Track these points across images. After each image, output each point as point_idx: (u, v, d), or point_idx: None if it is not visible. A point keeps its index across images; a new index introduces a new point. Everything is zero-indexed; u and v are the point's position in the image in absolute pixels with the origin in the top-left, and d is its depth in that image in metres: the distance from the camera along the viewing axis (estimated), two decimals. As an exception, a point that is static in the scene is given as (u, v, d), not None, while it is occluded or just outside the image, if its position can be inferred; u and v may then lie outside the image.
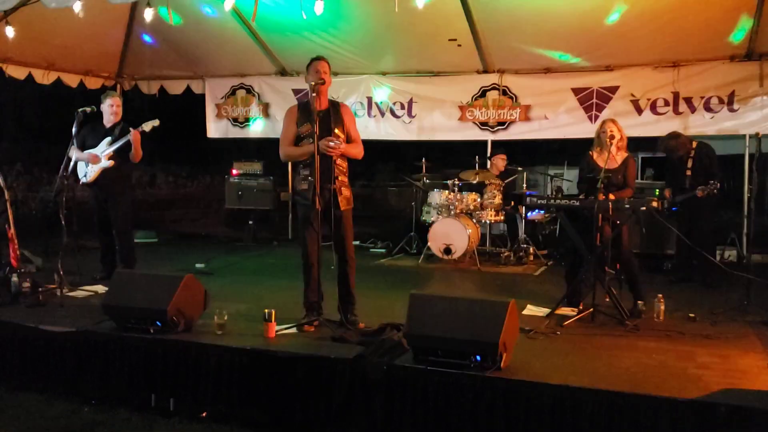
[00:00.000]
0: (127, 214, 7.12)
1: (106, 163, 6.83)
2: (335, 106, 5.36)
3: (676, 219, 7.60)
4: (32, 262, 7.36)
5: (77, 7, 6.54)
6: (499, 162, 9.52)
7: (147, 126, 6.79)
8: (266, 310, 4.95)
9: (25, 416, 4.65)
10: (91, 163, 6.84)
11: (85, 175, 6.92)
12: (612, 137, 5.87)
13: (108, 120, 6.94)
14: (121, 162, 6.88)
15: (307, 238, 5.28)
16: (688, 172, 7.41)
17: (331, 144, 5.08)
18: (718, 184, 7.03)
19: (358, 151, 5.39)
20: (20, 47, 8.54)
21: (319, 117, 5.15)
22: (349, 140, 5.32)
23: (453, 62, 9.44)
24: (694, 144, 7.51)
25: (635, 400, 3.80)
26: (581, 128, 9.04)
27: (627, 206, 5.66)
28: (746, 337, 5.19)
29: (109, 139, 6.85)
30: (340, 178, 5.28)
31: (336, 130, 5.21)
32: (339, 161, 5.27)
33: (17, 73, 9.35)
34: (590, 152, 6.14)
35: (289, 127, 5.33)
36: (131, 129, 6.77)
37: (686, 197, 7.33)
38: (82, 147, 6.89)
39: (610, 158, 5.89)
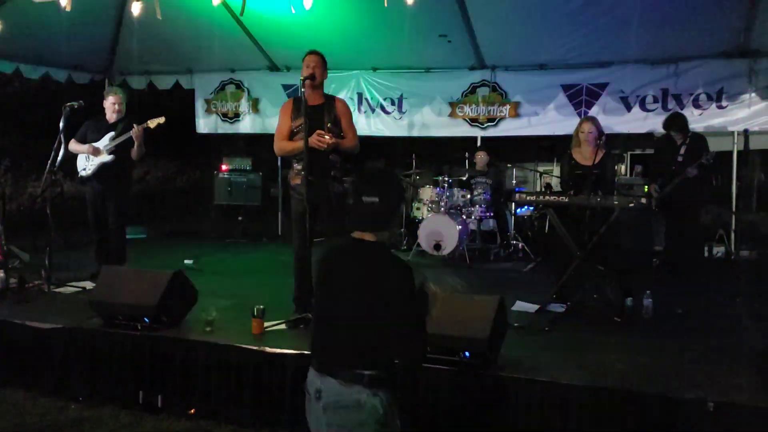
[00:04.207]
0: (125, 210, 7.07)
1: (107, 157, 6.76)
2: (330, 101, 5.34)
3: (664, 215, 7.62)
4: (19, 257, 7.31)
5: (64, 1, 6.48)
6: (478, 159, 9.47)
7: (152, 123, 6.72)
8: (255, 307, 4.94)
9: (11, 413, 4.62)
10: (91, 155, 6.78)
11: (84, 169, 6.86)
12: (590, 132, 5.96)
13: (110, 117, 6.89)
14: (122, 157, 6.81)
15: (298, 233, 5.27)
16: (680, 158, 7.36)
17: (320, 139, 5.06)
18: (712, 153, 6.97)
19: (352, 146, 5.35)
20: (7, 41, 8.46)
21: (312, 111, 5.13)
22: (343, 135, 5.29)
23: (443, 58, 9.42)
24: (690, 133, 7.50)
25: (624, 396, 3.82)
26: (571, 125, 8.99)
27: (615, 203, 5.67)
28: (734, 333, 5.22)
29: (112, 134, 6.79)
30: (332, 174, 5.26)
31: (328, 125, 5.19)
32: (332, 156, 5.25)
33: (4, 67, 9.27)
34: (569, 151, 6.22)
35: (283, 121, 5.32)
36: (135, 125, 6.70)
37: (675, 184, 7.26)
38: (84, 141, 6.85)
39: (588, 155, 5.96)
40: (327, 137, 5.08)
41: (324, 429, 2.64)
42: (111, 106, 6.86)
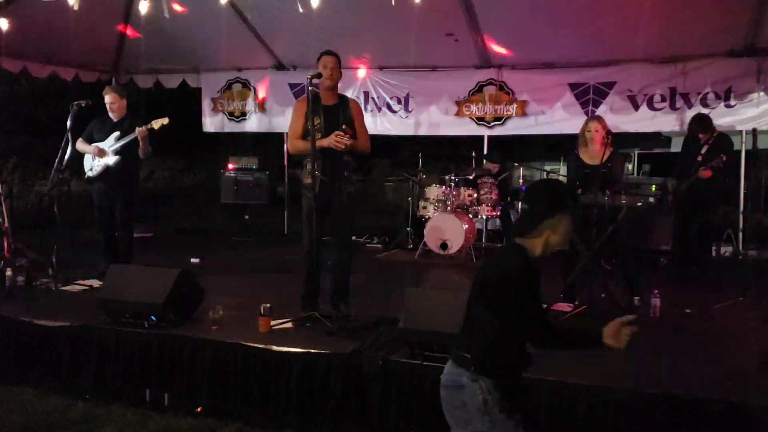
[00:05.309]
0: (131, 209, 7.09)
1: (113, 158, 6.78)
2: (344, 101, 5.37)
3: (677, 214, 7.57)
4: (27, 256, 7.32)
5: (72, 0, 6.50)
6: (489, 166, 9.43)
7: (156, 124, 6.74)
8: (262, 305, 4.94)
9: (19, 411, 4.63)
10: (97, 156, 6.81)
11: (91, 169, 6.88)
12: (596, 131, 5.95)
13: (111, 115, 6.92)
14: (128, 158, 6.83)
15: (309, 231, 5.27)
16: (700, 157, 7.24)
17: (339, 140, 5.09)
18: (724, 157, 6.89)
19: (365, 147, 5.43)
20: (15, 40, 8.49)
21: (327, 112, 5.17)
22: (356, 135, 5.32)
23: (450, 57, 9.41)
24: (716, 133, 7.42)
25: (631, 397, 3.81)
26: (578, 124, 8.92)
27: (624, 202, 5.66)
28: (742, 334, 5.19)
29: (117, 134, 6.81)
30: (345, 174, 5.30)
31: (343, 126, 5.21)
32: (346, 157, 5.28)
33: (12, 66, 9.30)
34: (576, 150, 6.20)
35: (297, 119, 5.33)
36: (139, 126, 6.71)
37: (689, 183, 7.19)
38: (90, 140, 6.87)
39: (595, 154, 5.95)
40: (346, 138, 5.11)
41: (443, 407, 2.83)
42: (108, 105, 6.90)
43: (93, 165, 6.86)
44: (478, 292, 2.76)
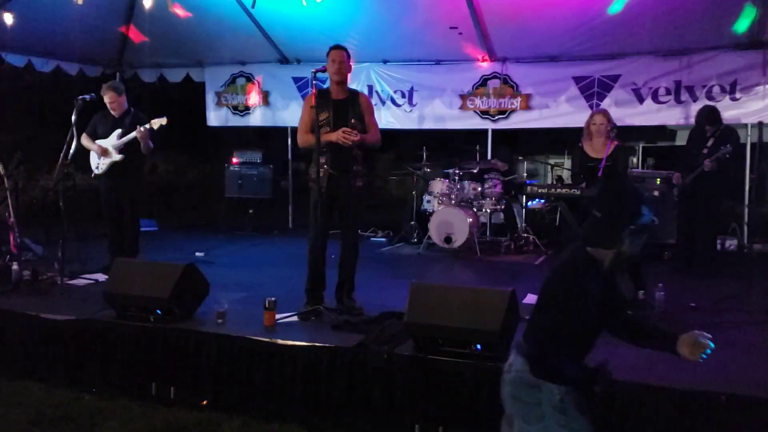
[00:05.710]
0: (137, 204, 7.11)
1: (116, 157, 6.81)
2: (354, 95, 5.38)
3: (682, 207, 7.55)
4: (33, 250, 7.35)
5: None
6: (499, 165, 9.45)
7: (155, 124, 6.76)
8: (267, 299, 4.95)
9: (25, 404, 4.65)
10: (101, 156, 6.83)
11: (97, 167, 6.92)
12: (601, 125, 5.94)
13: (113, 112, 6.93)
14: (131, 155, 6.85)
15: (316, 224, 5.29)
16: (705, 150, 7.17)
17: (347, 136, 5.10)
18: (729, 146, 6.86)
19: (375, 141, 5.45)
20: (19, 35, 8.50)
21: (337, 106, 5.18)
22: (366, 130, 5.33)
23: (454, 50, 9.39)
24: (722, 126, 7.37)
25: (636, 390, 3.80)
26: (582, 117, 8.91)
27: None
28: (747, 326, 5.19)
29: (119, 131, 6.82)
30: (355, 168, 5.31)
31: (352, 120, 5.22)
32: (355, 151, 5.30)
33: (16, 60, 9.31)
34: (580, 144, 6.19)
35: (306, 113, 5.34)
36: (138, 125, 6.71)
37: (694, 175, 7.17)
38: (94, 135, 6.89)
39: (600, 148, 5.95)
40: (353, 135, 5.12)
41: (506, 400, 2.82)
42: (108, 104, 6.91)
43: (99, 163, 6.91)
44: (547, 299, 2.76)
